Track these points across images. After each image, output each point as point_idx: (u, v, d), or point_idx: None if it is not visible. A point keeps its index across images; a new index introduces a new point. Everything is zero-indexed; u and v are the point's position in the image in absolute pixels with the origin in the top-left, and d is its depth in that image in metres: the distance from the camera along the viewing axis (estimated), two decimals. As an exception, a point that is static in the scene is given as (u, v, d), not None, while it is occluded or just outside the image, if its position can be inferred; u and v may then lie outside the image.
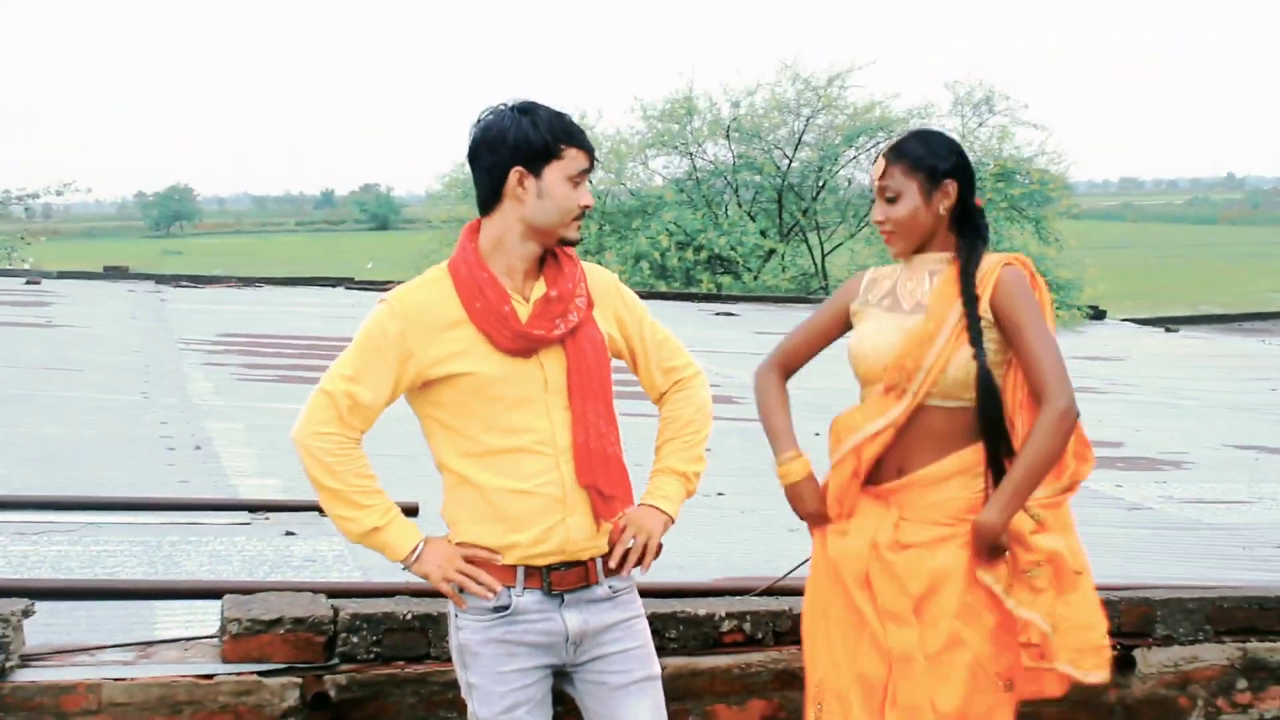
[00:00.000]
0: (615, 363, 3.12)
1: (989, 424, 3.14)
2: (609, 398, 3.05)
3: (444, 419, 2.99)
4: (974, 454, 3.17)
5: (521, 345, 2.95)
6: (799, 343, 3.41)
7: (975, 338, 3.13)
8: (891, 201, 3.21)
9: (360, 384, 2.95)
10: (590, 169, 3.01)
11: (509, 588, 2.97)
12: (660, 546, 3.09)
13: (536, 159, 2.93)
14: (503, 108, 2.99)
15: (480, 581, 2.95)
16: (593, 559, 3.03)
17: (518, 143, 2.93)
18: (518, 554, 2.97)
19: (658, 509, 3.10)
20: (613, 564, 3.04)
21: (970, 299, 3.14)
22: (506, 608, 2.97)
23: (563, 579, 2.99)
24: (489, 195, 2.98)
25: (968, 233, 3.23)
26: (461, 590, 2.97)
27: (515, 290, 2.98)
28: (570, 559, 3.00)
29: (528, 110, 2.96)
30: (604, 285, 3.14)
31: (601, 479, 3.00)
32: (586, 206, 3.01)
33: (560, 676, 3.09)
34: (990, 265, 3.17)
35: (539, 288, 3.00)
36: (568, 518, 2.98)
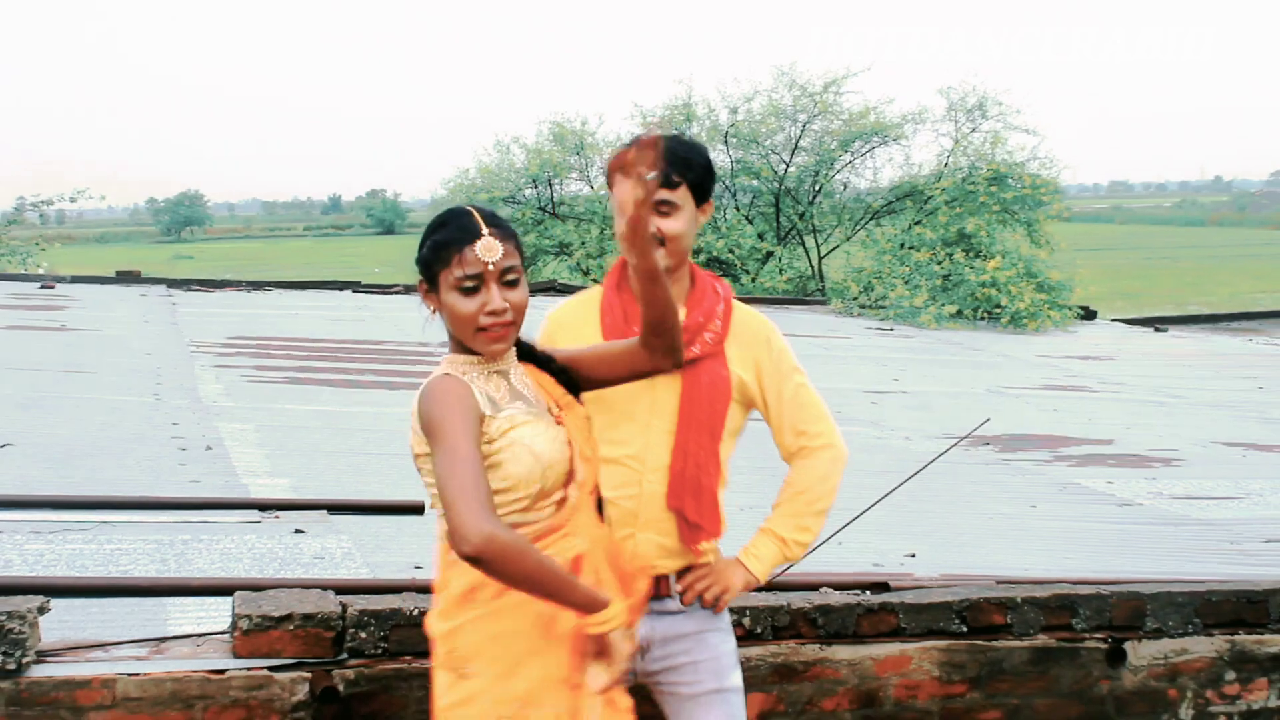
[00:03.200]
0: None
1: None
2: (718, 432, 3.06)
3: None
4: None
5: None
6: None
7: None
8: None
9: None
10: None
11: None
12: (730, 598, 3.12)
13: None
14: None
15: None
16: (665, 576, 3.06)
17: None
18: None
19: (745, 566, 3.14)
20: (686, 601, 3.07)
21: None
22: None
23: None
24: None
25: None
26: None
27: None
28: (648, 571, 3.02)
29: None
30: (753, 331, 3.16)
31: (690, 507, 3.03)
32: (662, 233, 3.02)
33: (637, 691, 3.11)
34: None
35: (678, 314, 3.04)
36: (639, 533, 3.02)
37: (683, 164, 3.00)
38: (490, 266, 2.64)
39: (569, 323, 3.10)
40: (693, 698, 3.02)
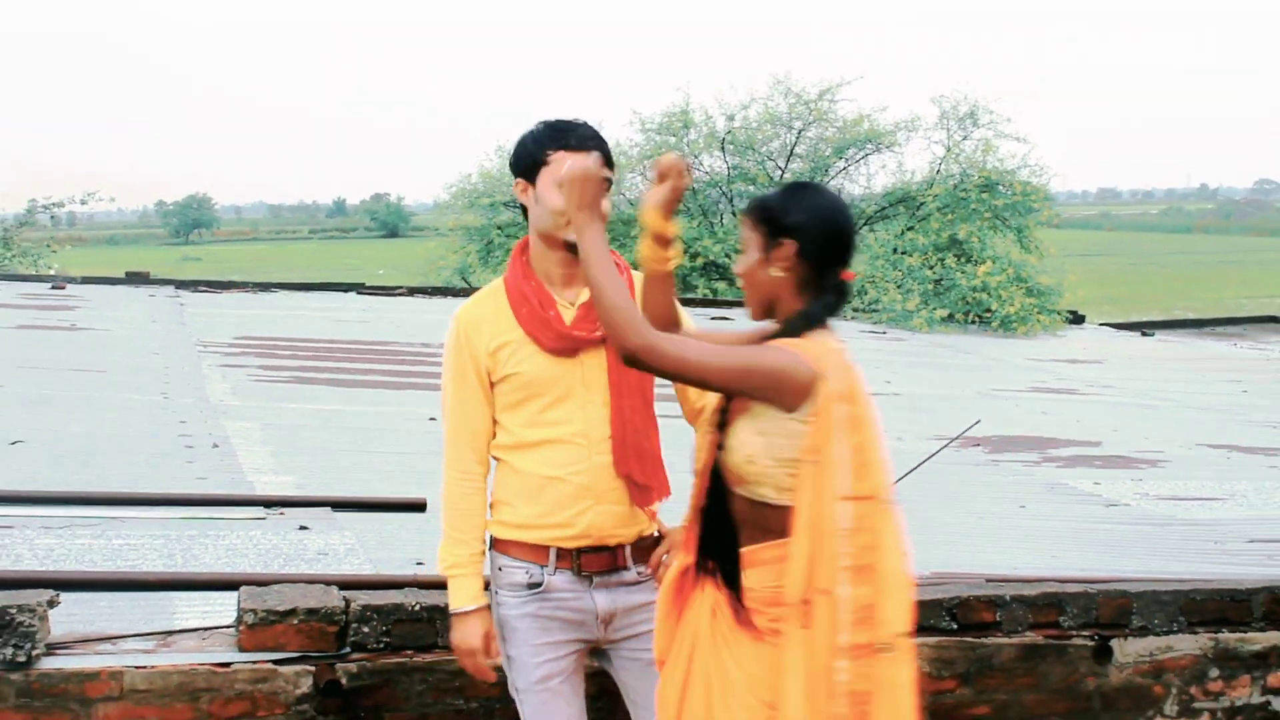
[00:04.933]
0: None
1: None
2: (649, 395, 3.15)
3: (497, 415, 3.13)
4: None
5: (564, 345, 3.06)
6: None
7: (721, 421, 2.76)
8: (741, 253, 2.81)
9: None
10: None
11: (541, 566, 3.08)
12: None
13: (531, 168, 3.06)
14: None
15: (476, 668, 3.13)
16: (622, 545, 3.11)
17: (517, 156, 3.11)
18: (549, 534, 3.07)
19: None
20: (648, 572, 3.13)
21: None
22: (539, 585, 3.08)
23: (592, 562, 3.09)
24: (520, 208, 3.15)
25: (800, 310, 2.73)
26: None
27: (559, 296, 3.10)
28: (598, 544, 3.08)
29: (538, 124, 3.09)
30: None
31: (637, 470, 3.08)
32: None
33: (598, 655, 3.19)
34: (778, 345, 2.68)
35: (585, 294, 3.08)
36: (596, 505, 3.06)
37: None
38: None
39: (485, 318, 3.09)
40: (653, 664, 3.04)
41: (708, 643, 2.76)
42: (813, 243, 2.69)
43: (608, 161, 3.05)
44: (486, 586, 3.17)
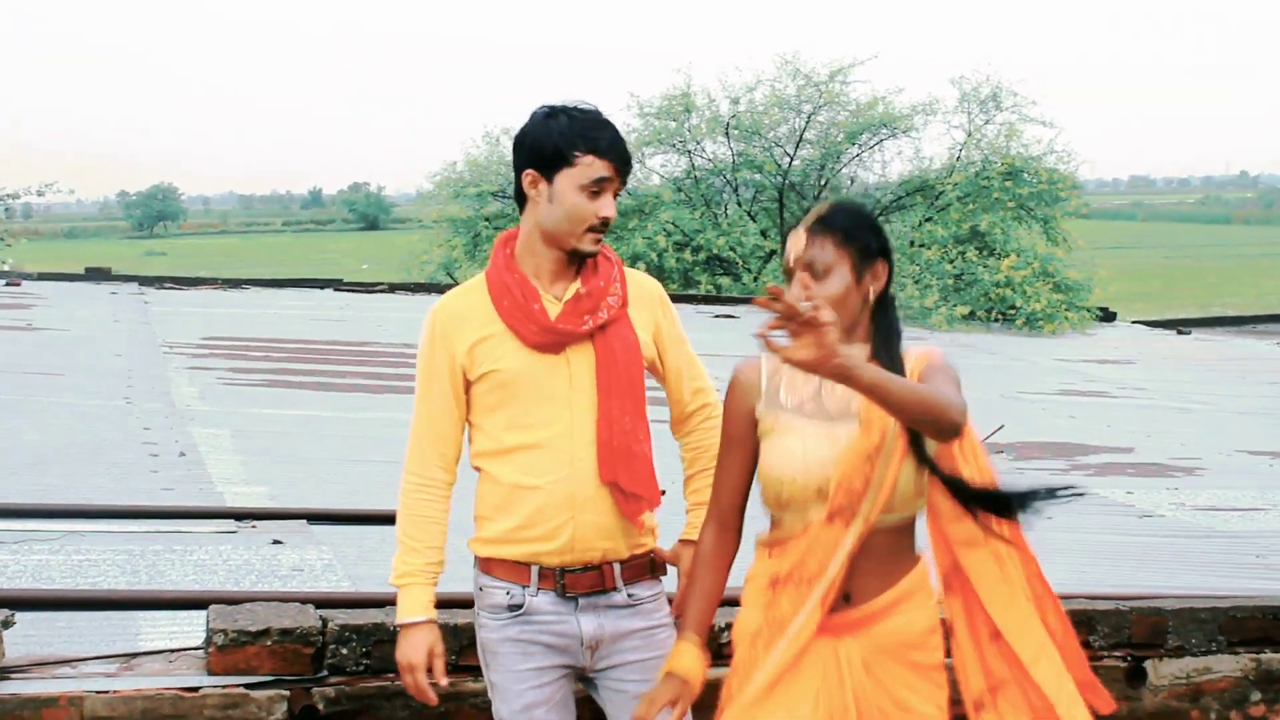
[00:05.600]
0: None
1: (975, 499, 2.88)
2: (640, 396, 3.09)
3: (476, 420, 3.08)
4: (923, 571, 2.93)
5: (548, 340, 3.02)
6: (726, 488, 3.00)
7: (916, 441, 2.81)
8: (820, 278, 2.83)
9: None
10: (613, 180, 3.01)
11: (523, 586, 3.04)
12: None
13: (550, 163, 2.99)
14: (541, 109, 3.04)
15: (416, 687, 3.11)
16: (609, 564, 3.06)
17: (533, 145, 3.01)
18: (528, 549, 3.02)
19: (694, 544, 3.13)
20: (677, 613, 3.10)
21: None
22: (520, 606, 3.04)
23: (577, 582, 3.04)
24: (517, 195, 3.08)
25: (881, 324, 2.88)
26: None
27: (545, 290, 3.05)
28: (583, 561, 3.03)
29: (556, 113, 3.01)
30: (647, 291, 3.20)
31: (624, 477, 3.03)
32: (605, 219, 3.03)
33: (584, 681, 3.15)
34: (915, 359, 2.86)
35: (573, 288, 3.05)
36: (578, 515, 3.01)
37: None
38: None
39: (463, 313, 3.07)
40: (639, 697, 3.02)
41: (876, 701, 2.85)
42: (891, 262, 2.91)
43: (626, 168, 3.03)
44: (470, 604, 3.16)
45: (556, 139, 2.97)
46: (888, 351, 2.84)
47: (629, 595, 3.08)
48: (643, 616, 3.10)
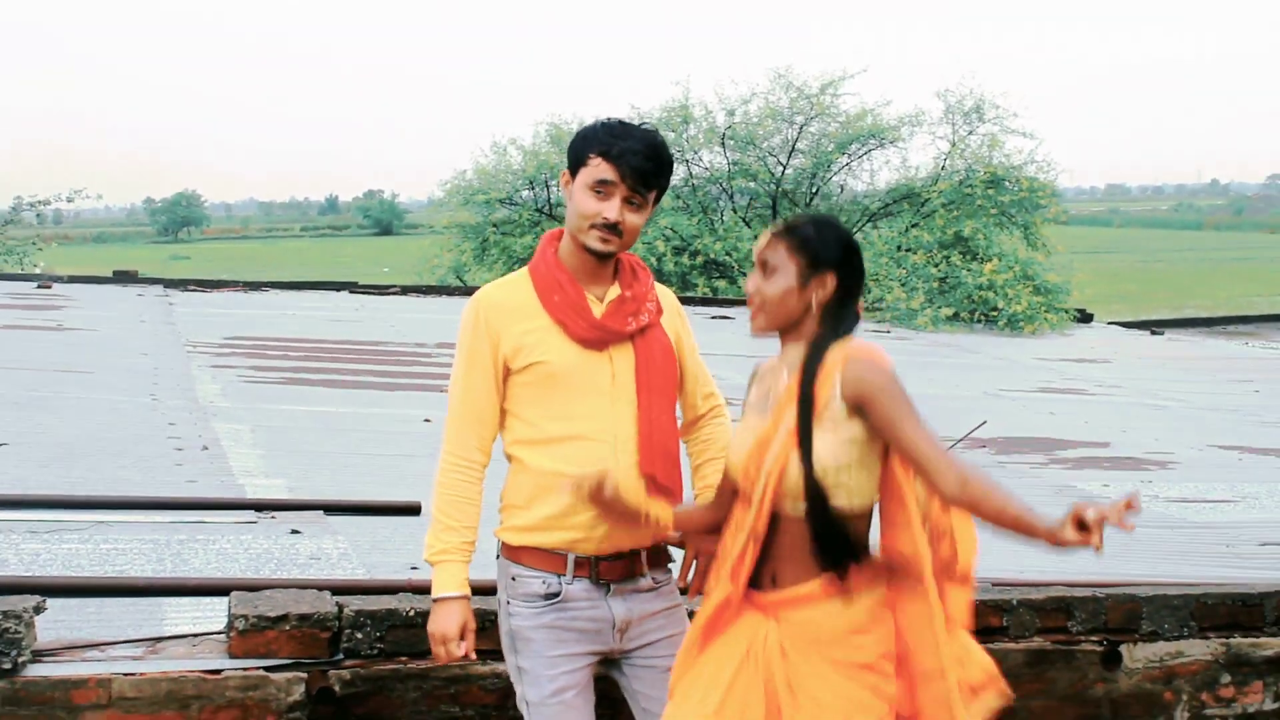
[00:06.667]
0: None
1: (819, 530, 2.80)
2: (673, 397, 3.15)
3: (515, 409, 3.08)
4: (871, 573, 2.87)
5: (595, 336, 3.04)
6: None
7: (803, 438, 2.78)
8: (768, 276, 2.89)
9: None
10: (617, 184, 3.02)
11: (559, 575, 3.04)
12: None
13: (573, 164, 3.06)
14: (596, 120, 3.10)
15: (448, 657, 3.07)
16: (639, 551, 3.09)
17: (568, 148, 3.09)
18: (567, 536, 3.03)
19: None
20: (682, 584, 3.16)
21: (806, 397, 2.80)
22: (557, 595, 3.04)
23: (611, 569, 3.06)
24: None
25: (824, 330, 2.86)
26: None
27: (587, 290, 3.08)
28: (617, 550, 3.06)
29: (597, 123, 3.07)
30: (670, 302, 3.25)
31: (661, 471, 3.06)
32: (605, 219, 3.03)
33: (608, 664, 3.15)
34: (834, 357, 2.82)
35: (613, 290, 3.08)
36: None
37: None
38: None
39: (508, 304, 3.07)
40: (668, 671, 3.04)
41: (783, 685, 2.81)
42: (847, 277, 2.89)
43: (644, 184, 3.03)
44: (481, 591, 3.16)
45: (579, 142, 3.05)
46: (812, 347, 2.85)
47: (653, 579, 3.13)
48: (664, 598, 3.14)
